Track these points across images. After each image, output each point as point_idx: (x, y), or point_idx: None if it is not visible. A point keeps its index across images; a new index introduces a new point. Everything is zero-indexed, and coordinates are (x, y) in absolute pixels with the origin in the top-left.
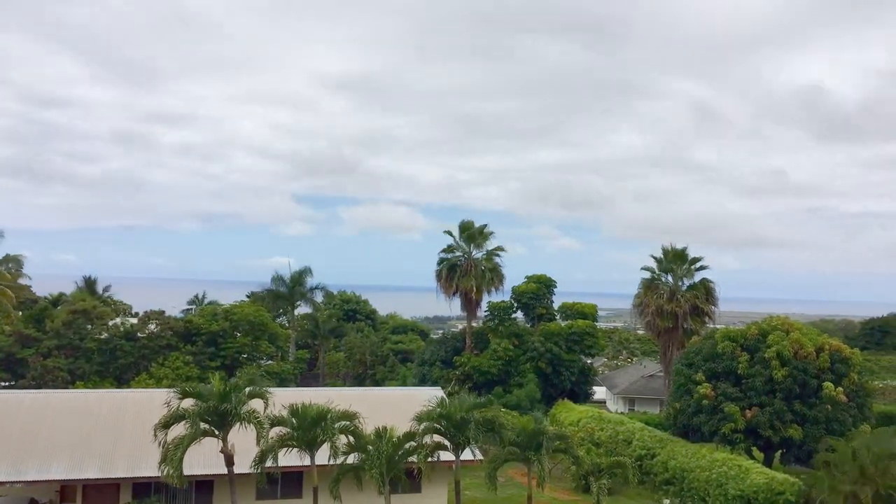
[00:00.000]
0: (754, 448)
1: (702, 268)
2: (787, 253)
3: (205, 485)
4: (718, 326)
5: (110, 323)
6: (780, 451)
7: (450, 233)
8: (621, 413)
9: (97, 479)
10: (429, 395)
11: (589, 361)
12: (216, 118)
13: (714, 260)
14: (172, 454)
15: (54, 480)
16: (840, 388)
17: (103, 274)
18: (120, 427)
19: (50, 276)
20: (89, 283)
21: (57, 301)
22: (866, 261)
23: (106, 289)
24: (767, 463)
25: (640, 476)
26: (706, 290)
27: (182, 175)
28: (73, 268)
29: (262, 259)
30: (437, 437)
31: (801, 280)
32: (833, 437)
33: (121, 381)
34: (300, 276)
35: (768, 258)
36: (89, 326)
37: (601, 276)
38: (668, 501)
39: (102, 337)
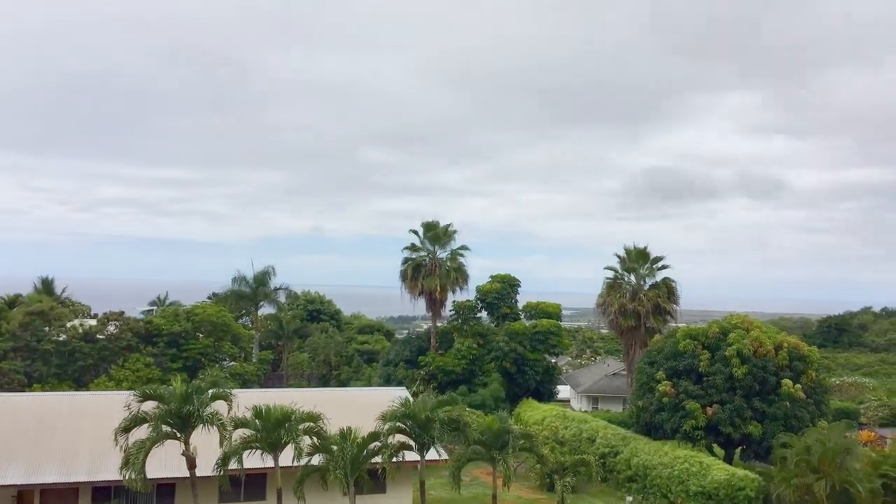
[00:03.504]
0: (715, 445)
1: (663, 267)
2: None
3: (166, 488)
4: (680, 325)
5: (68, 324)
6: (740, 448)
7: (415, 232)
8: (585, 411)
9: (55, 483)
10: (394, 396)
11: (553, 360)
12: None
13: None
14: (134, 458)
15: (11, 485)
16: (798, 385)
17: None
18: (79, 430)
19: (5, 278)
20: (46, 284)
21: (13, 302)
22: (825, 260)
23: (63, 290)
24: (728, 459)
25: (604, 474)
26: (668, 289)
27: None
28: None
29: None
30: (401, 437)
31: (760, 278)
32: (791, 433)
33: (80, 384)
34: (263, 277)
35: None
36: (47, 328)
37: None
38: (631, 499)
39: (60, 339)
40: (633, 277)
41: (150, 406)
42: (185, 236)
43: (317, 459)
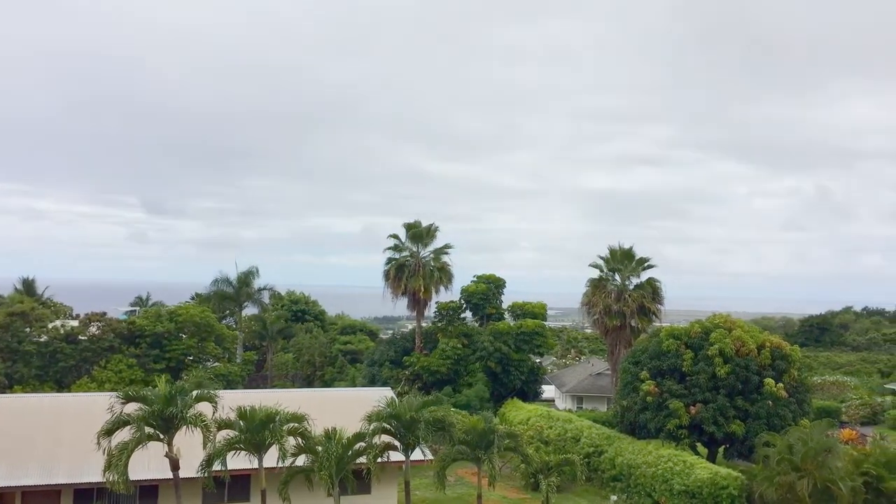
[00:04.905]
0: (699, 443)
1: (648, 267)
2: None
3: (149, 490)
4: (664, 325)
5: (50, 325)
6: (723, 447)
7: (395, 236)
8: (570, 411)
9: (37, 485)
10: (378, 396)
11: (538, 360)
12: None
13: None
14: (117, 460)
15: None
16: (780, 384)
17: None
18: (60, 432)
19: None
20: (27, 285)
21: None
22: (807, 260)
23: (45, 290)
24: (711, 458)
25: (589, 473)
26: (653, 290)
27: None
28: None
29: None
30: (386, 438)
31: (742, 278)
32: (774, 431)
33: (61, 385)
34: (247, 277)
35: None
36: (28, 329)
37: None
38: (615, 498)
39: (42, 339)
40: (617, 277)
41: (133, 408)
42: (145, 240)
43: (301, 460)
